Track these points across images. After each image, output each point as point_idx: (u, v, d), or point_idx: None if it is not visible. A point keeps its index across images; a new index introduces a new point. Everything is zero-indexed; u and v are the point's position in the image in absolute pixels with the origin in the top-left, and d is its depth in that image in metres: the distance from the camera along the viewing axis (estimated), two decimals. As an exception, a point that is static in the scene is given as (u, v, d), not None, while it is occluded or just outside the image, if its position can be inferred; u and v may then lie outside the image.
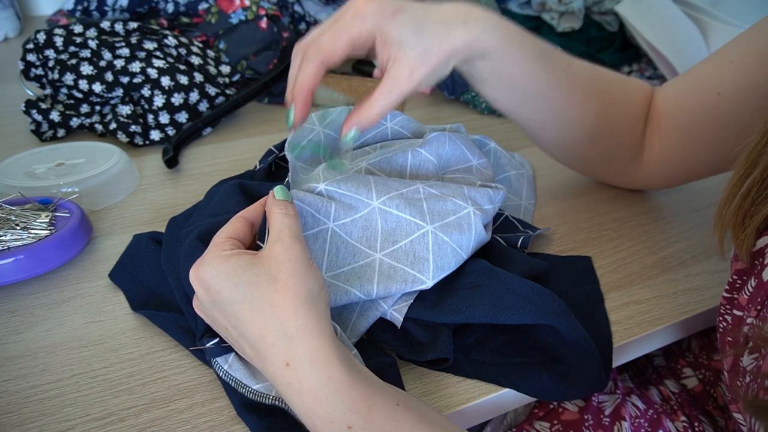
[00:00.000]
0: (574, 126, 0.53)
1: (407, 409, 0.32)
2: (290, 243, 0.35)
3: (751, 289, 0.35)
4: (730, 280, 0.38)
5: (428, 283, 0.42)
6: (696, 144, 0.52)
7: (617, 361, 0.46)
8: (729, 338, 0.38)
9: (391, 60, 0.42)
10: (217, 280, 0.34)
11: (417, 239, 0.43)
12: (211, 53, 0.81)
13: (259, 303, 0.33)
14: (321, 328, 0.33)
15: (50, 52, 0.73)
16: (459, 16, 0.43)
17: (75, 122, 0.70)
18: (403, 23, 0.41)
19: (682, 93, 0.53)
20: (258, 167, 0.59)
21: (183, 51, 0.76)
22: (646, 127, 0.56)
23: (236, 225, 0.38)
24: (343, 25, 0.41)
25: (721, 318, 0.39)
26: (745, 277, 0.37)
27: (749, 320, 0.34)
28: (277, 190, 0.39)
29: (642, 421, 0.50)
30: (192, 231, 0.43)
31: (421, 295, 0.43)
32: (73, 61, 0.70)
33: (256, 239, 0.39)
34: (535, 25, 1.00)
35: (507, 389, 0.41)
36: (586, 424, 0.50)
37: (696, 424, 0.50)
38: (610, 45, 0.99)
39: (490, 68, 0.47)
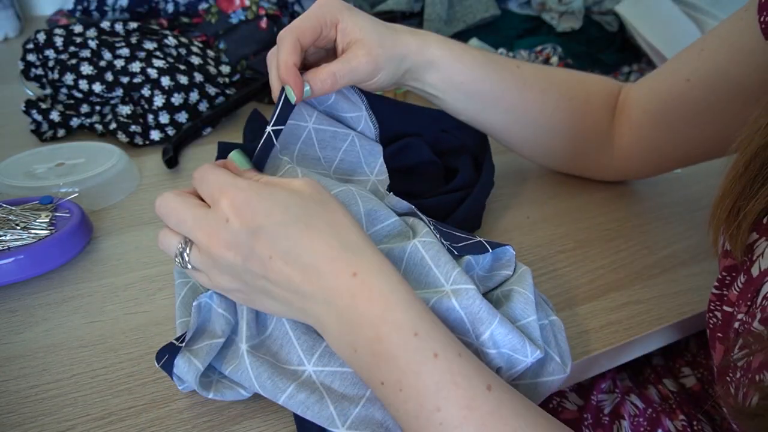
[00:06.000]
0: (536, 124, 0.56)
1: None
2: (309, 180, 0.35)
3: (740, 285, 0.35)
4: (719, 276, 0.38)
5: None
6: (666, 132, 0.54)
7: (618, 360, 0.46)
8: (719, 334, 0.38)
9: (352, 41, 0.45)
10: (265, 203, 0.32)
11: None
12: (211, 53, 0.81)
13: (316, 222, 0.32)
14: (375, 246, 0.34)
15: (50, 52, 0.73)
16: (405, 29, 0.49)
17: (75, 122, 0.70)
18: (362, 16, 0.46)
19: (654, 82, 0.55)
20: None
21: (183, 51, 0.76)
22: (614, 120, 0.58)
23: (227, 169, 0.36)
24: (311, 9, 0.45)
25: (710, 314, 0.39)
26: (734, 274, 0.37)
27: (740, 316, 0.34)
28: (235, 156, 0.38)
29: (641, 419, 0.50)
30: None
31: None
32: (73, 61, 0.70)
33: None
34: (535, 25, 1.00)
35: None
36: (586, 423, 0.50)
37: (695, 422, 0.50)
38: (610, 45, 0.99)
39: (441, 78, 0.50)
